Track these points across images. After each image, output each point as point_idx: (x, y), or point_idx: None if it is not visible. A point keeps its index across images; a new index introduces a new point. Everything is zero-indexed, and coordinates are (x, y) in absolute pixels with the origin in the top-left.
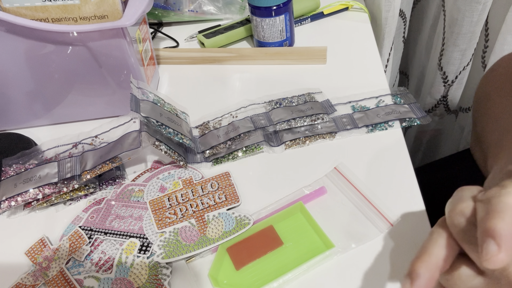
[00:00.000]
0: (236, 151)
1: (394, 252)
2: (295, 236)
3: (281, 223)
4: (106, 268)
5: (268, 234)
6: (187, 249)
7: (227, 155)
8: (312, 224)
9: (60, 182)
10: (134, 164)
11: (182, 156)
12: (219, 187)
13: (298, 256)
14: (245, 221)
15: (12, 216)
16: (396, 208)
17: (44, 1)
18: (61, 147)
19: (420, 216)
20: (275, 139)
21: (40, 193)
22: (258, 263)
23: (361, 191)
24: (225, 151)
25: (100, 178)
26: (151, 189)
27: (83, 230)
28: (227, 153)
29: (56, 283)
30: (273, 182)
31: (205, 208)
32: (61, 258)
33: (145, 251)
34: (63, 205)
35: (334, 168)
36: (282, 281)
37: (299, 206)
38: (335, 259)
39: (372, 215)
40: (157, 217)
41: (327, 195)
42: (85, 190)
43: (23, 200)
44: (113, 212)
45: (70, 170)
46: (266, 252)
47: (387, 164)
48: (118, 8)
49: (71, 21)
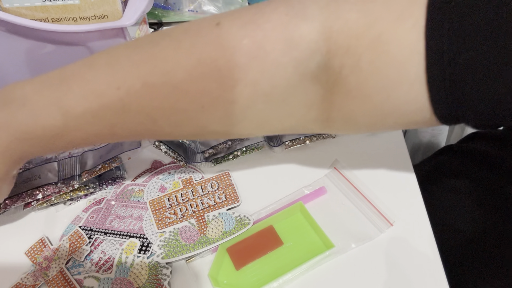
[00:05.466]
0: (236, 151)
1: (394, 252)
2: (295, 236)
3: (281, 223)
4: (106, 268)
5: (268, 234)
6: (187, 249)
7: (227, 155)
8: (312, 224)
9: (60, 182)
10: (134, 164)
11: (182, 156)
12: (219, 187)
13: (298, 256)
14: (245, 221)
15: (12, 216)
16: (396, 208)
17: (44, 1)
18: None
19: (420, 216)
20: (275, 139)
21: (40, 193)
22: (258, 263)
23: (361, 191)
24: (225, 151)
25: (100, 178)
26: (151, 189)
27: (83, 230)
28: (227, 153)
29: (56, 283)
30: (273, 182)
31: (205, 208)
32: (61, 258)
33: (145, 251)
34: (63, 205)
35: (334, 168)
36: (282, 281)
37: (299, 206)
38: (335, 259)
39: (372, 215)
40: (157, 217)
41: (327, 195)
42: (85, 190)
43: (23, 200)
44: (113, 212)
45: (70, 170)
46: (266, 252)
47: (387, 164)
48: (118, 8)
49: (71, 21)
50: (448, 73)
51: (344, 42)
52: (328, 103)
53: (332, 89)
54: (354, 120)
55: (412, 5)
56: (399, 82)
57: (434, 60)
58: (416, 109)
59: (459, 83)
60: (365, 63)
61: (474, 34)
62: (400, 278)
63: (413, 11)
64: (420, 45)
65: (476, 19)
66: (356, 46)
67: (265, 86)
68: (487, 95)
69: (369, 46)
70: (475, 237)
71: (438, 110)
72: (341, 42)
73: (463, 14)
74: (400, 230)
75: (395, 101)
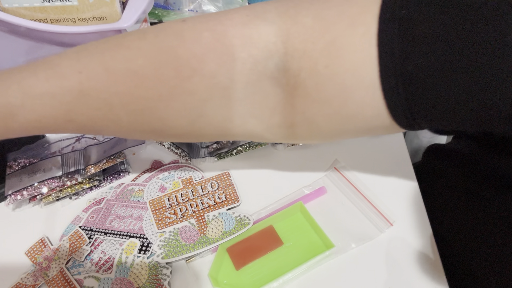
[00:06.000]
0: (239, 146)
1: (394, 252)
2: (295, 236)
3: (281, 223)
4: (106, 268)
5: (268, 234)
6: (187, 249)
7: (230, 150)
8: (312, 224)
9: (64, 176)
10: (134, 164)
11: (186, 151)
12: (219, 187)
13: (298, 256)
14: (245, 221)
15: (12, 216)
16: (396, 208)
17: (42, 2)
18: (64, 141)
19: (420, 216)
20: None
21: (45, 187)
22: (258, 263)
23: (361, 191)
24: (229, 146)
25: (105, 171)
26: (151, 189)
27: (83, 230)
28: (231, 148)
29: (56, 283)
30: (273, 182)
31: (205, 208)
32: (61, 258)
33: (145, 251)
34: (69, 199)
35: (334, 168)
36: (282, 281)
37: (299, 206)
38: (335, 259)
39: (372, 215)
40: (157, 217)
41: (327, 195)
42: (90, 183)
43: (29, 194)
44: (113, 212)
45: (74, 164)
46: (266, 252)
47: (387, 164)
48: (117, 10)
49: (69, 22)
50: (400, 81)
51: (300, 45)
52: (291, 107)
53: (292, 93)
54: (316, 124)
55: (364, 12)
56: (354, 87)
57: (386, 67)
58: (374, 115)
59: (412, 91)
60: (322, 67)
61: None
62: (400, 278)
63: (365, 19)
64: (372, 51)
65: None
66: (312, 50)
67: (223, 79)
68: (438, 102)
69: (324, 51)
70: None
71: (396, 117)
72: (297, 45)
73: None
74: (400, 230)
75: (353, 105)
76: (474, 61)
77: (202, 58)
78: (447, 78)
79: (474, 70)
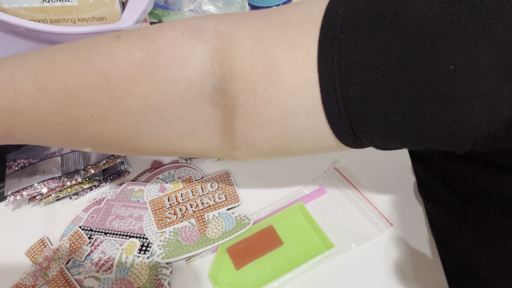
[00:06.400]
0: None
1: (394, 252)
2: (295, 236)
3: (281, 223)
4: (106, 268)
5: (268, 234)
6: (187, 249)
7: None
8: (312, 224)
9: (64, 176)
10: (134, 164)
11: None
12: (219, 187)
13: (298, 256)
14: (245, 221)
15: (12, 216)
16: (396, 208)
17: (42, 2)
18: None
19: (420, 216)
20: None
21: (45, 187)
22: (258, 263)
23: (361, 191)
24: None
25: (105, 172)
26: (151, 189)
27: (83, 230)
28: None
29: (56, 283)
30: (273, 182)
31: (205, 208)
32: (61, 258)
33: (145, 251)
34: (69, 199)
35: (334, 168)
36: (282, 281)
37: (299, 206)
38: (335, 259)
39: (372, 215)
40: (157, 217)
41: (327, 195)
42: (90, 183)
43: (28, 194)
44: (113, 212)
45: (73, 164)
46: (266, 252)
47: (387, 164)
48: (117, 10)
49: (69, 23)
50: (342, 105)
51: (238, 67)
52: (230, 130)
53: (232, 115)
54: (258, 147)
55: (304, 35)
56: (295, 110)
57: (327, 92)
58: (318, 136)
59: (353, 115)
60: (261, 90)
61: (363, 67)
62: (400, 278)
63: (304, 41)
64: (312, 75)
65: (365, 53)
66: (250, 72)
67: (156, 101)
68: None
69: (263, 73)
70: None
71: (343, 139)
72: (235, 67)
73: (353, 47)
74: (400, 230)
75: (294, 128)
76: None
77: (134, 80)
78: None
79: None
